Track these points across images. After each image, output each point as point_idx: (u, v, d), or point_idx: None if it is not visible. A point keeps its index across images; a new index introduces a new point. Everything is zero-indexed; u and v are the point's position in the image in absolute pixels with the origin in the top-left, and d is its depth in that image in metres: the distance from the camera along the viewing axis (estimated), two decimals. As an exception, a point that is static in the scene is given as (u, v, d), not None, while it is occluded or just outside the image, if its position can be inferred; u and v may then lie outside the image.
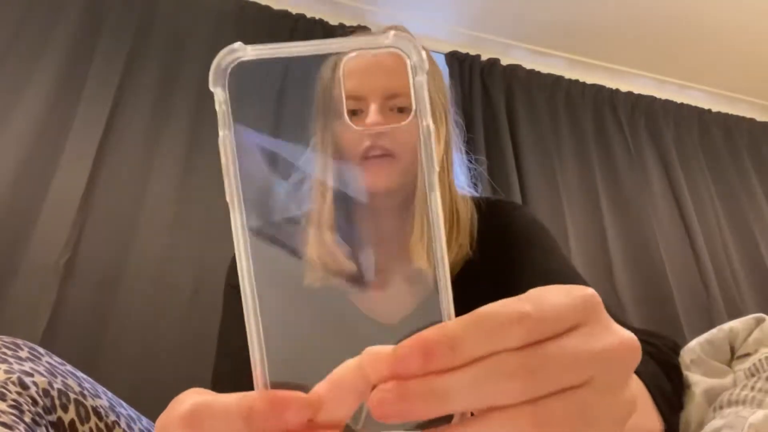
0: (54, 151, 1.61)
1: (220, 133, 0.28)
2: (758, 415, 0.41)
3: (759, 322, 0.52)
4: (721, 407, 0.46)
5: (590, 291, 0.27)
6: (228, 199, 0.28)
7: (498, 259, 0.55)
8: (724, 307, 2.20)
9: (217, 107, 0.29)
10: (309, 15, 2.08)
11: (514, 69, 2.37)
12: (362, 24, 2.15)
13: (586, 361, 0.25)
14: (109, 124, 1.69)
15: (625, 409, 0.27)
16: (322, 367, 0.84)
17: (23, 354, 0.53)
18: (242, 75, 0.28)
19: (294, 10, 2.07)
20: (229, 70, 0.28)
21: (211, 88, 0.28)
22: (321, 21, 2.11)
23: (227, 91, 0.29)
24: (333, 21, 2.12)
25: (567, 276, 0.73)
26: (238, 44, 0.28)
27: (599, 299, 0.27)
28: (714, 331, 0.56)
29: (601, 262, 2.13)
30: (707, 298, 2.21)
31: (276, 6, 2.05)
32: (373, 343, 0.84)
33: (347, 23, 2.12)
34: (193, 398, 0.27)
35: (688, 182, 2.45)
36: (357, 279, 0.81)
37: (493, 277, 0.73)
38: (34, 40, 1.72)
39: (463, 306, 0.54)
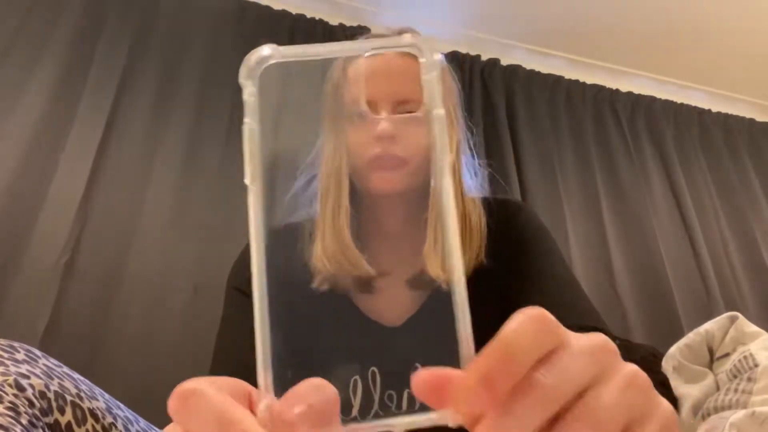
0: (54, 151, 1.61)
1: (246, 120, 0.30)
2: (739, 414, 0.41)
3: (733, 320, 0.53)
4: (708, 414, 0.47)
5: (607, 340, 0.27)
6: (247, 181, 0.29)
7: (503, 262, 0.55)
8: (724, 307, 2.19)
9: (245, 98, 0.30)
10: (309, 15, 2.09)
11: (514, 69, 2.37)
12: (362, 24, 2.15)
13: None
14: (109, 124, 1.69)
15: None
16: (327, 366, 0.84)
17: (20, 356, 0.53)
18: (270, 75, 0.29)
19: (294, 10, 2.07)
20: (261, 68, 0.30)
21: (241, 81, 0.30)
22: (321, 21, 2.11)
23: (257, 86, 0.30)
24: (333, 21, 2.12)
25: (569, 283, 0.74)
26: (270, 46, 0.29)
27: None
28: (691, 335, 0.57)
29: (601, 261, 2.13)
30: (707, 298, 2.21)
31: (276, 6, 2.05)
32: (377, 344, 0.84)
33: (347, 23, 2.13)
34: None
35: (688, 182, 2.45)
36: (363, 281, 0.81)
37: (499, 281, 0.73)
38: (35, 40, 1.72)
39: (471, 309, 0.54)
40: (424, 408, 0.25)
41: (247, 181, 0.29)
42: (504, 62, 2.36)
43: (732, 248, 2.40)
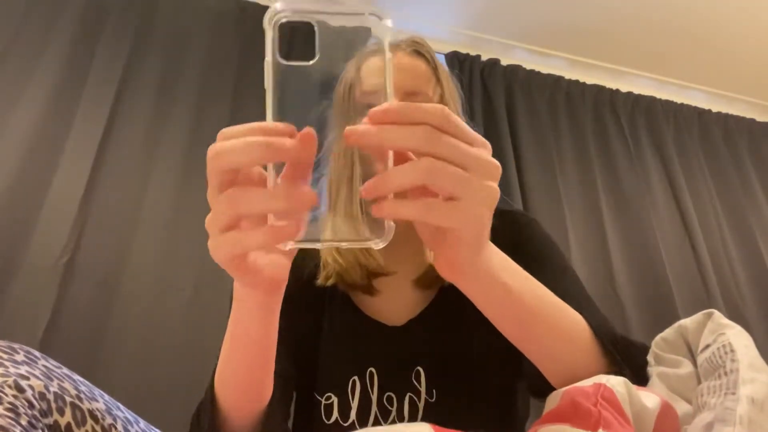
0: (54, 151, 1.61)
1: (266, 59, 0.39)
2: (743, 405, 0.42)
3: (709, 316, 0.54)
4: (701, 395, 0.47)
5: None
6: (266, 86, 0.39)
7: None
8: (724, 307, 2.19)
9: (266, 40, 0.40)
10: (309, 15, 2.08)
11: (515, 69, 2.37)
12: (340, 23, 2.14)
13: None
14: (109, 124, 1.69)
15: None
16: (328, 364, 0.83)
17: (19, 357, 0.53)
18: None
19: (294, 11, 2.06)
20: (274, 19, 0.40)
21: (264, 26, 0.40)
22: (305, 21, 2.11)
23: (274, 31, 0.40)
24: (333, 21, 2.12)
25: (577, 296, 0.73)
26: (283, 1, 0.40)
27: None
28: (667, 330, 0.58)
29: (601, 262, 2.13)
30: (707, 298, 2.21)
31: (276, 6, 2.05)
32: (377, 344, 0.84)
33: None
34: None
35: (688, 182, 2.45)
36: (370, 278, 0.82)
37: None
38: (35, 40, 1.72)
39: (474, 308, 0.54)
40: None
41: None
42: (504, 62, 2.35)
43: (732, 248, 2.40)
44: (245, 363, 0.55)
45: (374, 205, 0.39)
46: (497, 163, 0.42)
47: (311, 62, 0.41)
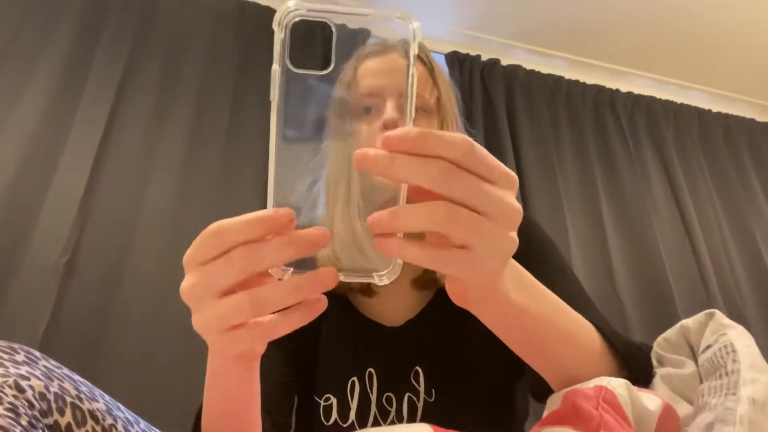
0: (54, 151, 1.61)
1: (273, 66, 0.34)
2: (744, 405, 0.42)
3: (711, 316, 0.54)
4: (702, 395, 0.47)
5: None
6: (271, 98, 0.34)
7: None
8: (724, 307, 2.19)
9: (274, 43, 0.35)
10: (309, 15, 2.08)
11: (515, 69, 2.37)
12: (362, 25, 2.15)
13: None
14: (109, 124, 1.69)
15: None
16: (327, 365, 0.83)
17: (19, 358, 0.53)
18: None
19: (294, 11, 2.06)
20: (286, 19, 0.34)
21: (273, 27, 0.35)
22: (321, 22, 2.11)
23: (285, 32, 0.34)
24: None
25: (576, 297, 0.72)
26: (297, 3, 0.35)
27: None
28: (669, 330, 0.58)
29: (601, 262, 2.13)
30: (707, 298, 2.21)
31: (276, 6, 2.05)
32: (376, 345, 0.84)
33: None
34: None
35: (688, 182, 2.45)
36: (365, 284, 0.82)
37: None
38: (35, 40, 1.72)
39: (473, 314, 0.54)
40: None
41: (271, 98, 0.35)
42: (504, 62, 2.35)
43: (732, 248, 2.40)
44: (228, 411, 0.54)
45: (378, 239, 0.36)
46: (519, 207, 0.37)
47: (326, 71, 0.35)
